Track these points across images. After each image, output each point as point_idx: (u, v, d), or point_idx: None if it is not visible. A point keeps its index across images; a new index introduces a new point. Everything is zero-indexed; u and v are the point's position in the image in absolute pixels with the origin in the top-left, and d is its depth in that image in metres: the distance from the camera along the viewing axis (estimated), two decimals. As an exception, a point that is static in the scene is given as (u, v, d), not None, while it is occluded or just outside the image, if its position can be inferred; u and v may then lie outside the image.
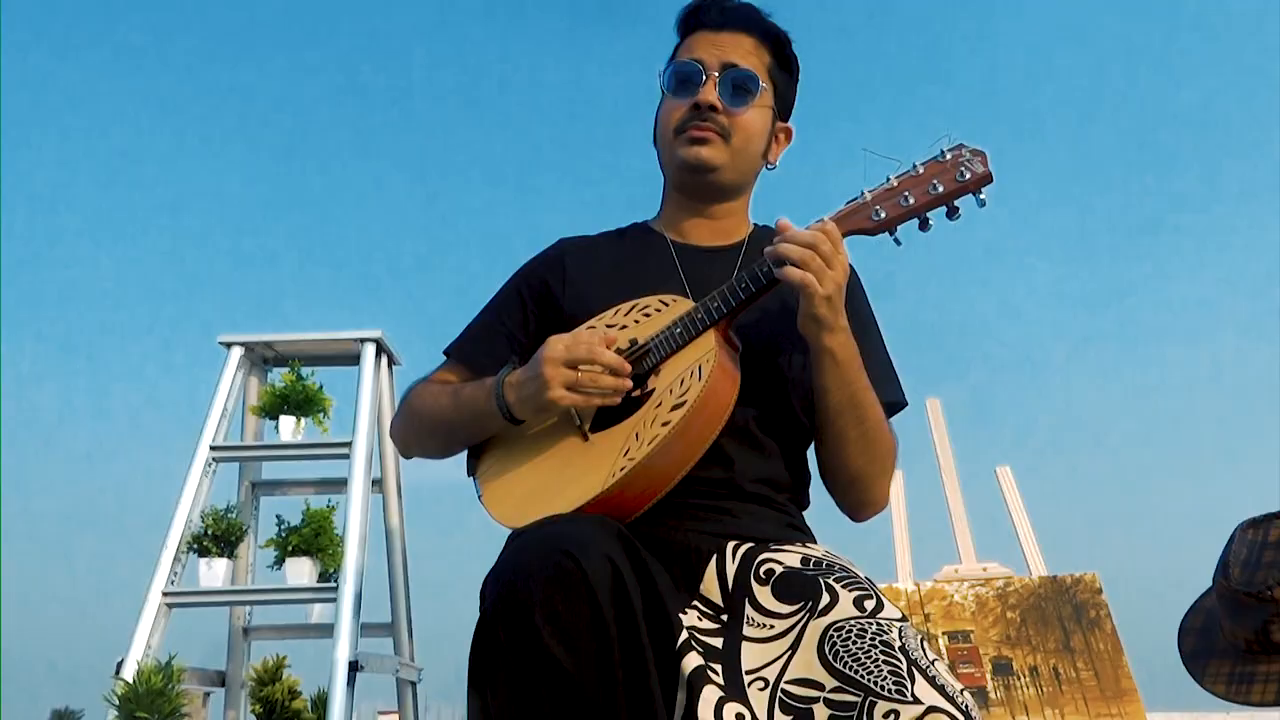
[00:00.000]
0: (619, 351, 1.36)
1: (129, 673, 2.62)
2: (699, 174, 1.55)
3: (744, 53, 1.55)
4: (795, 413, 1.47)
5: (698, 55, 1.54)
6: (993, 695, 2.66)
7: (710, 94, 1.51)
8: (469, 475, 1.49)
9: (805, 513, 1.52)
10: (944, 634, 2.79)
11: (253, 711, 2.93)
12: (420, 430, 1.55)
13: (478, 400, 1.43)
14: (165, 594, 2.80)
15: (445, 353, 1.62)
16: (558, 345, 1.33)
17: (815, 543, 1.45)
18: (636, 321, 1.43)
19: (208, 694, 3.09)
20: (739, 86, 1.53)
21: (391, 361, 3.33)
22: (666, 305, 1.43)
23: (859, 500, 1.49)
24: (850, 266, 1.38)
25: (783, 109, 1.62)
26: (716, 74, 1.52)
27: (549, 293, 1.57)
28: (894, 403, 1.54)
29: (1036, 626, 2.78)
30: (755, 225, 1.64)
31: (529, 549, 1.11)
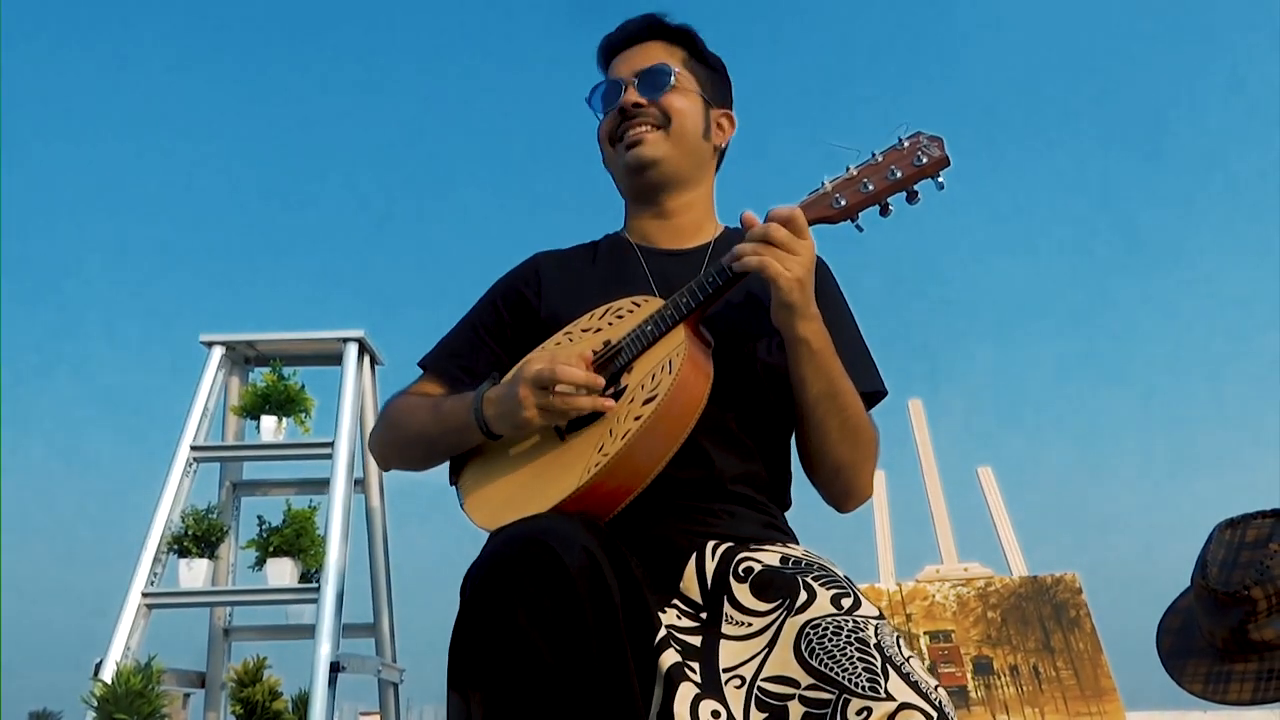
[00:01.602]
0: (591, 353, 1.37)
1: (108, 674, 2.60)
2: (645, 171, 1.59)
3: (655, 58, 1.63)
4: (774, 410, 1.48)
5: (613, 74, 1.64)
6: (973, 694, 2.67)
7: (633, 95, 1.59)
8: (451, 484, 1.50)
9: (787, 514, 1.52)
10: (925, 634, 2.81)
11: (233, 712, 2.92)
12: (401, 443, 1.57)
13: (458, 414, 1.44)
14: (145, 595, 2.79)
15: (421, 365, 1.63)
16: (533, 367, 1.34)
17: (796, 543, 1.46)
18: (610, 324, 1.45)
19: (188, 695, 3.07)
20: (652, 81, 1.60)
21: (374, 361, 3.32)
22: (638, 306, 1.45)
23: (844, 490, 1.50)
24: (821, 258, 1.39)
25: (715, 96, 1.66)
26: (634, 81, 1.60)
27: (525, 304, 1.59)
28: (874, 392, 1.54)
29: (1017, 626, 2.79)
30: (725, 227, 1.66)
31: (508, 542, 1.11)
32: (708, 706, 1.15)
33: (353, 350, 3.18)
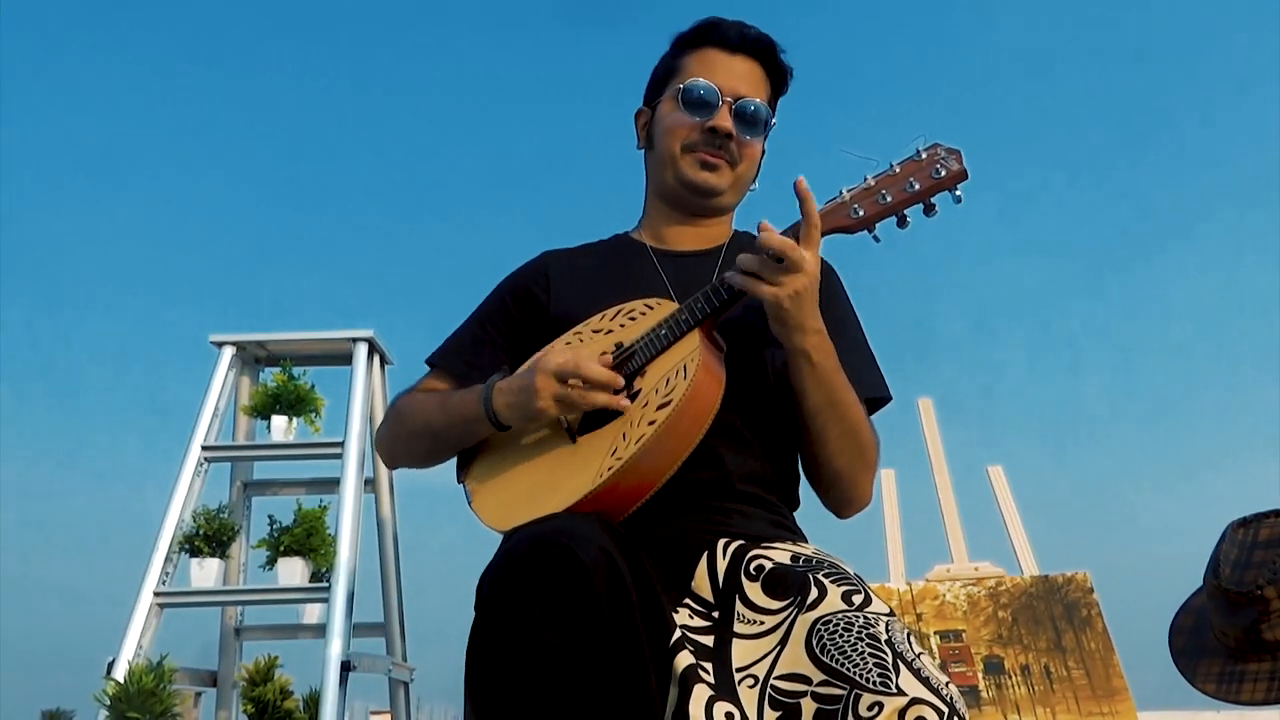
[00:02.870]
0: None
1: (120, 673, 2.61)
2: (706, 196, 1.58)
3: (754, 83, 1.58)
4: (783, 412, 1.47)
5: (713, 78, 1.56)
6: (984, 694, 2.66)
7: (727, 121, 1.54)
8: (458, 481, 1.50)
9: (797, 513, 1.52)
10: (936, 633, 2.80)
11: (244, 711, 2.92)
12: (407, 438, 1.56)
13: (466, 406, 1.44)
14: (157, 594, 2.79)
15: (429, 362, 1.63)
16: (553, 358, 1.34)
17: (806, 542, 1.46)
18: (622, 325, 1.44)
19: (199, 694, 3.08)
20: (753, 119, 1.56)
21: (384, 361, 3.33)
22: (651, 309, 1.44)
23: (842, 498, 1.50)
24: (828, 264, 1.38)
25: (767, 134, 1.65)
26: (731, 101, 1.55)
27: (534, 302, 1.59)
28: (878, 398, 1.55)
29: (1028, 625, 2.79)
30: (736, 231, 1.67)
31: (525, 542, 1.11)
32: (722, 708, 1.16)
33: (362, 350, 3.19)
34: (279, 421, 3.09)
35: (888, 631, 1.17)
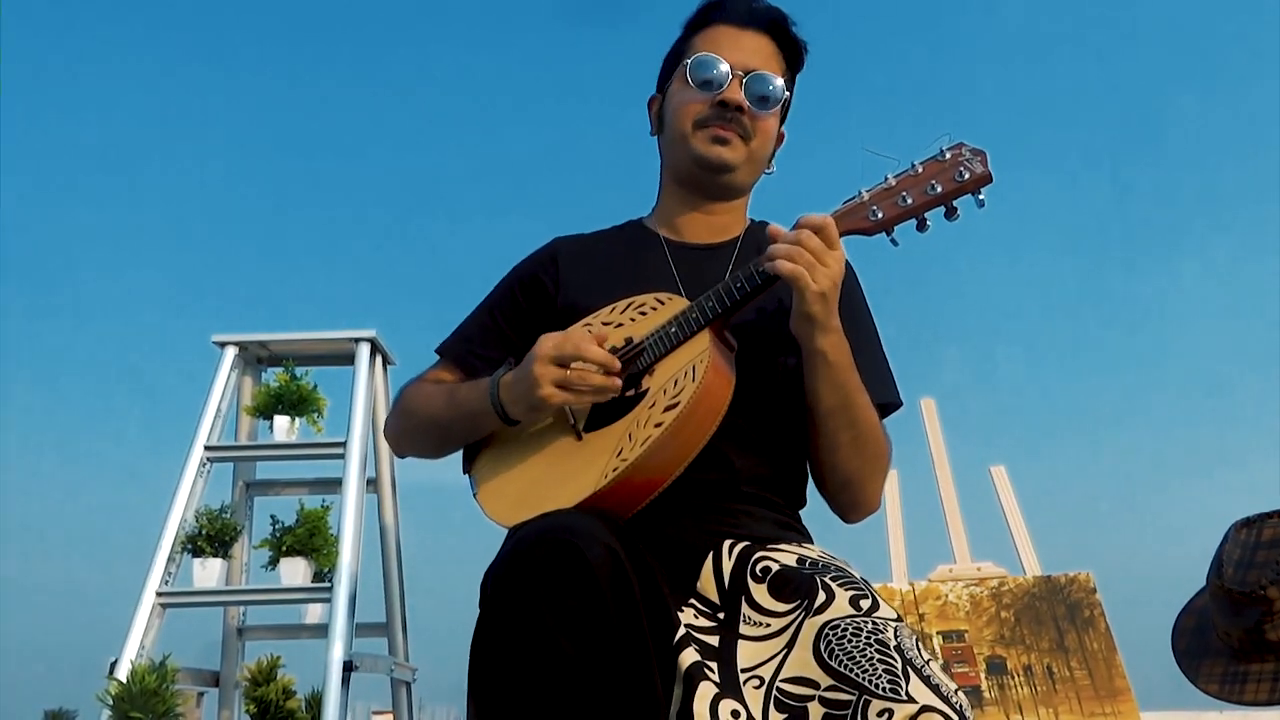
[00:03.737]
0: (613, 350, 1.36)
1: (123, 673, 2.61)
2: (716, 173, 1.55)
3: (765, 58, 1.55)
4: (791, 413, 1.47)
5: (722, 53, 1.53)
6: (987, 695, 2.66)
7: (738, 94, 1.51)
8: (464, 472, 1.49)
9: (802, 513, 1.52)
10: (938, 633, 2.80)
11: (247, 711, 2.92)
12: (415, 430, 1.56)
13: (473, 400, 1.44)
14: (159, 594, 2.80)
15: (438, 351, 1.62)
16: (547, 343, 1.33)
17: (811, 543, 1.46)
18: (632, 319, 1.43)
19: (201, 694, 3.08)
20: (761, 93, 1.53)
21: (386, 361, 3.33)
22: (662, 303, 1.43)
23: (851, 502, 1.49)
24: (848, 263, 1.37)
25: (784, 115, 1.63)
26: (742, 75, 1.52)
27: (543, 291, 1.57)
28: (889, 403, 1.53)
29: (1030, 626, 2.78)
30: (751, 221, 1.64)
31: (530, 538, 1.11)
32: (727, 706, 1.15)
33: (365, 350, 3.19)
34: (281, 421, 3.10)
35: (896, 637, 1.17)
